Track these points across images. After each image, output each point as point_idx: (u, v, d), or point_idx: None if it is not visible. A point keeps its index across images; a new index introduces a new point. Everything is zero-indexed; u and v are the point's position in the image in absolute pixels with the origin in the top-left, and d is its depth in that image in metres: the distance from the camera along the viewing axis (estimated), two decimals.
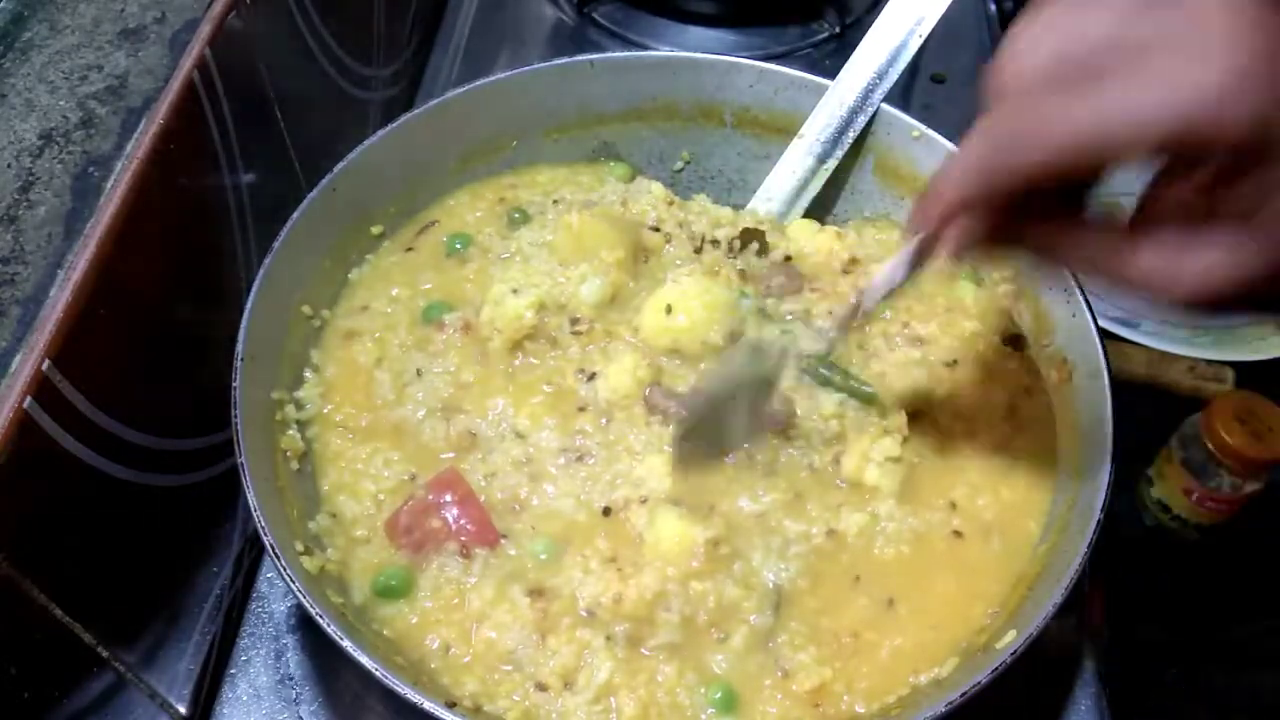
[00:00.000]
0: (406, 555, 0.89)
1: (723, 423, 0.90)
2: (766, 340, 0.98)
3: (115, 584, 0.86)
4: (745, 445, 0.92)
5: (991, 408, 1.00)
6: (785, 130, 1.16)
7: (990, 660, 0.77)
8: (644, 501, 0.90)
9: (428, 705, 0.73)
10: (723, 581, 0.86)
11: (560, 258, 1.05)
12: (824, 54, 1.54)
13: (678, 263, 1.07)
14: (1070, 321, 0.98)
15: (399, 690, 0.73)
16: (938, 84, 1.52)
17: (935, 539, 0.91)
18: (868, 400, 0.97)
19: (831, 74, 1.13)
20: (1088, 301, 0.96)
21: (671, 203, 1.12)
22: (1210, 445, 1.28)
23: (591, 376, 0.97)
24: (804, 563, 0.89)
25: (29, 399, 0.72)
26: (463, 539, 0.88)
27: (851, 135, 1.12)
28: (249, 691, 0.97)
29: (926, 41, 1.11)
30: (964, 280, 1.07)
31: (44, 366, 0.73)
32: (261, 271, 0.93)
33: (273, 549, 0.79)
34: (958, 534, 0.92)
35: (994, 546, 0.92)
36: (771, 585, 0.87)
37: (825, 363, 0.99)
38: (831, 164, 1.14)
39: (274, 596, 1.02)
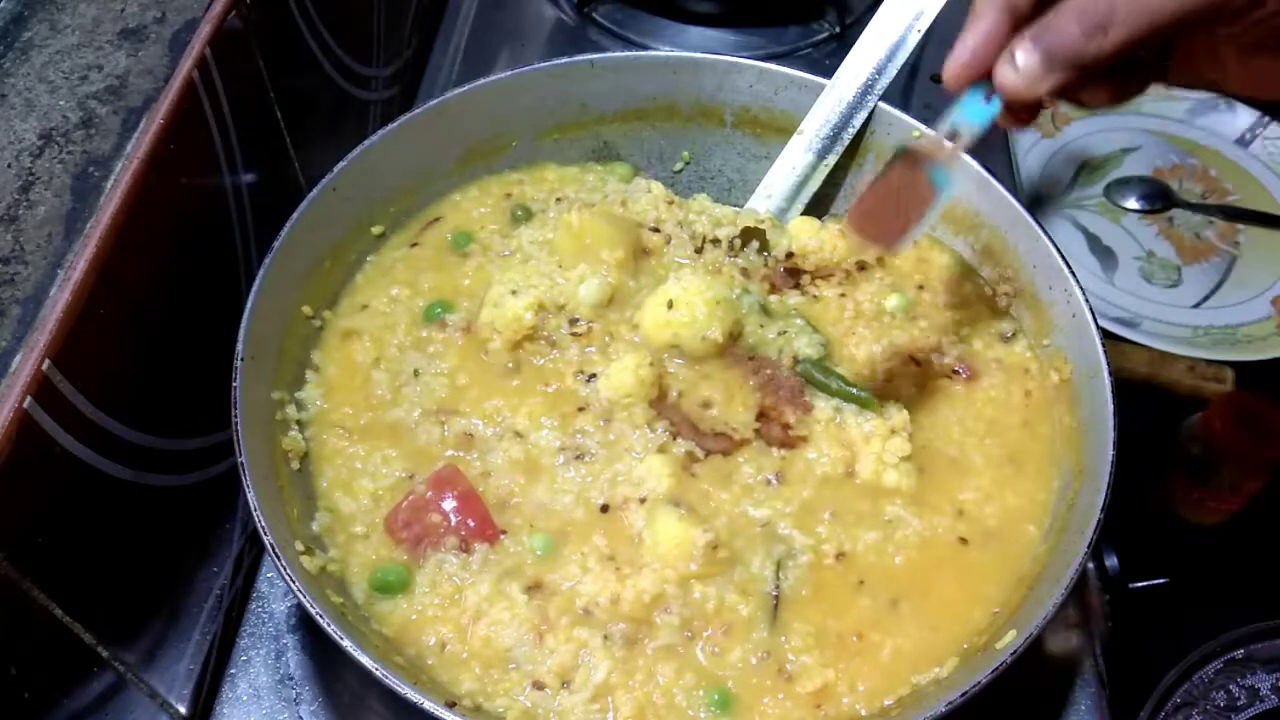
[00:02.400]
0: (405, 550, 0.89)
1: None
2: None
3: (115, 584, 0.86)
4: None
5: (992, 408, 1.00)
6: (785, 130, 1.15)
7: (990, 660, 0.77)
8: (643, 501, 0.90)
9: (428, 705, 0.73)
10: (723, 586, 0.86)
11: (560, 257, 1.05)
12: (824, 54, 1.54)
13: (679, 261, 1.07)
14: (1070, 321, 0.98)
15: (399, 690, 0.73)
16: (938, 84, 1.51)
17: (941, 543, 0.91)
18: (862, 404, 0.97)
19: (832, 74, 1.12)
20: (1088, 301, 0.96)
21: (671, 202, 1.12)
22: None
23: (591, 377, 0.97)
24: (808, 573, 0.89)
25: (29, 399, 0.72)
26: (463, 533, 0.88)
27: (851, 131, 1.12)
28: (249, 691, 0.97)
29: (926, 42, 1.11)
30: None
31: (44, 366, 0.73)
32: (261, 271, 0.93)
33: (273, 549, 0.79)
34: (963, 541, 0.91)
35: (996, 547, 0.91)
36: (773, 593, 0.87)
37: (820, 367, 0.99)
38: (831, 159, 1.13)
39: (274, 596, 1.02)
